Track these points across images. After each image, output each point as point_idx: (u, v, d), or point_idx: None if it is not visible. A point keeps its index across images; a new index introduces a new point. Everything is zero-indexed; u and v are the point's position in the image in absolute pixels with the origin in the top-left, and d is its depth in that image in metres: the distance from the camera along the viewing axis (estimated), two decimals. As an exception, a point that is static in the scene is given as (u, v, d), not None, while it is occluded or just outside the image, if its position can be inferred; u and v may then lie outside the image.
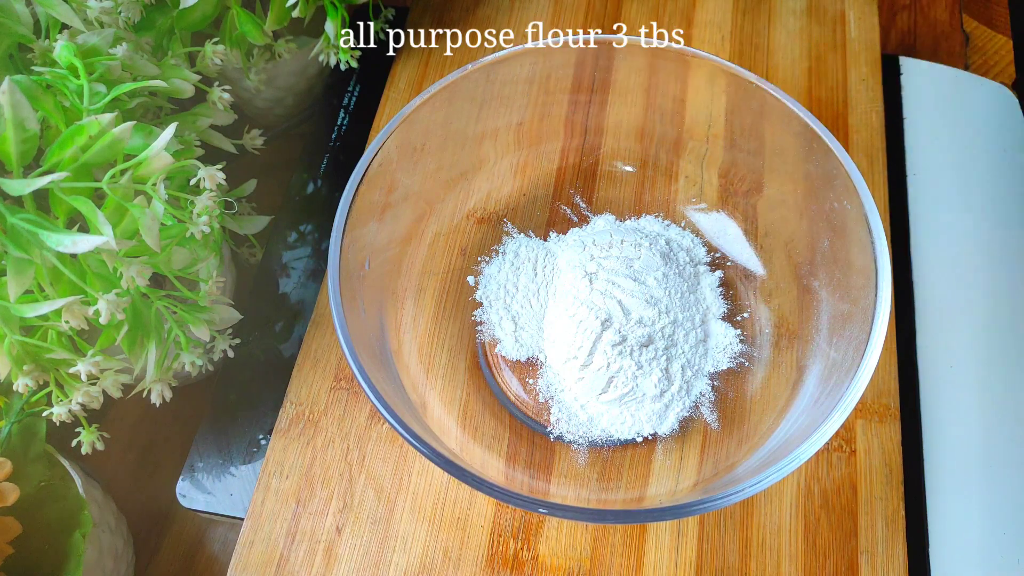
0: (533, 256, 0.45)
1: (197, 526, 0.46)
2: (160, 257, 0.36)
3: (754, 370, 0.42)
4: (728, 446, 0.40)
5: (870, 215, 0.37)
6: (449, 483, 0.41)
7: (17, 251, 0.31)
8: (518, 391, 0.43)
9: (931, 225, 0.50)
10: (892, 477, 0.41)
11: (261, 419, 0.45)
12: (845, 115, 0.52)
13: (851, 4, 0.57)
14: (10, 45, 0.38)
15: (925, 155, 0.52)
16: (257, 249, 0.50)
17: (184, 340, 0.38)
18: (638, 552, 0.39)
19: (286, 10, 0.46)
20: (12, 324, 0.33)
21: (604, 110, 0.48)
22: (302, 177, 0.53)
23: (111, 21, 0.40)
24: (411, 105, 0.41)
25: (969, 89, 0.55)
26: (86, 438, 0.38)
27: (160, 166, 0.33)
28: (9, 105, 0.31)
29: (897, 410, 0.43)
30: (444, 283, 0.45)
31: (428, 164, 0.44)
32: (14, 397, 0.38)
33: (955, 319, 0.47)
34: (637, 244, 0.43)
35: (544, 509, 0.33)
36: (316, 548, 0.39)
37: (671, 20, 0.56)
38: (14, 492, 0.34)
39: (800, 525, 0.40)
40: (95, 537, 0.38)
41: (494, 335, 0.44)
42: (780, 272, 0.44)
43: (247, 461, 0.44)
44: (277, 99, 0.55)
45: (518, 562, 0.39)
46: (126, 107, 0.39)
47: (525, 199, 0.48)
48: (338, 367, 0.44)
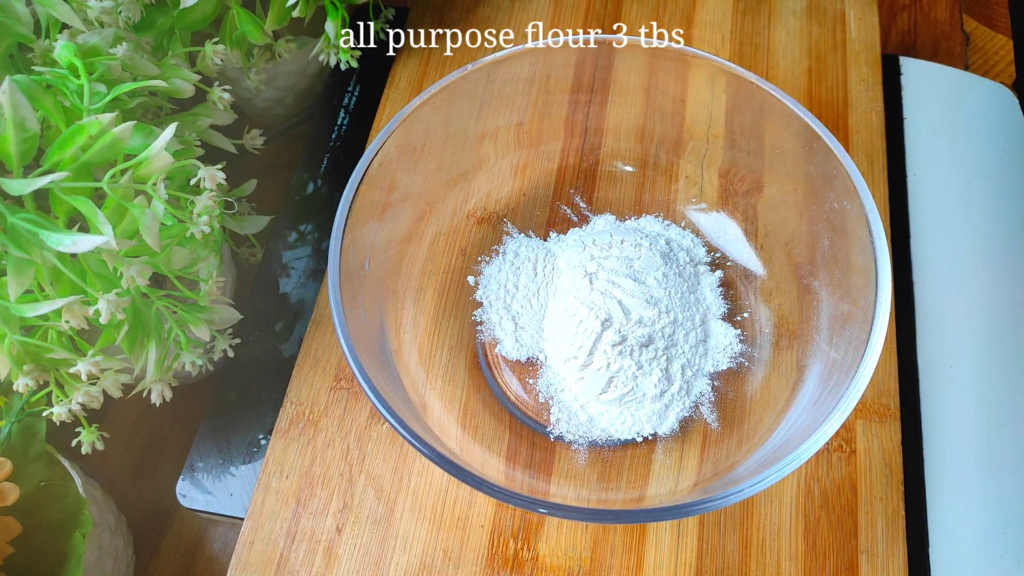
0: (533, 256, 0.45)
1: (197, 526, 0.46)
2: (160, 257, 0.36)
3: (754, 370, 0.42)
4: (728, 446, 0.40)
5: (870, 215, 0.37)
6: (449, 483, 0.41)
7: (17, 251, 0.31)
8: (518, 391, 0.43)
9: (931, 225, 0.50)
10: (892, 477, 0.41)
11: (261, 419, 0.45)
12: (845, 115, 0.52)
13: (851, 4, 0.57)
14: (10, 45, 0.38)
15: (925, 155, 0.52)
16: (257, 249, 0.50)
17: (184, 340, 0.38)
18: (638, 552, 0.39)
19: (286, 10, 0.46)
20: (12, 324, 0.33)
21: (604, 110, 0.48)
22: (302, 177, 0.53)
23: (111, 21, 0.40)
24: (411, 105, 0.41)
25: (969, 89, 0.55)
26: (86, 438, 0.38)
27: (160, 166, 0.33)
28: (9, 105, 0.31)
29: (897, 410, 0.43)
30: (444, 283, 0.45)
31: (428, 164, 0.44)
32: (14, 397, 0.38)
33: (955, 319, 0.47)
34: (637, 244, 0.43)
35: (544, 509, 0.33)
36: (316, 548, 0.39)
37: (671, 20, 0.56)
38: (14, 492, 0.34)
39: (800, 525, 0.40)
40: (95, 537, 0.38)
41: (494, 335, 0.44)
42: (780, 272, 0.44)
43: (247, 461, 0.44)
44: (277, 99, 0.55)
45: (518, 562, 0.39)
46: (126, 107, 0.39)
47: (525, 199, 0.48)
48: (338, 367, 0.44)
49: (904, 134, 0.53)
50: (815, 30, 0.56)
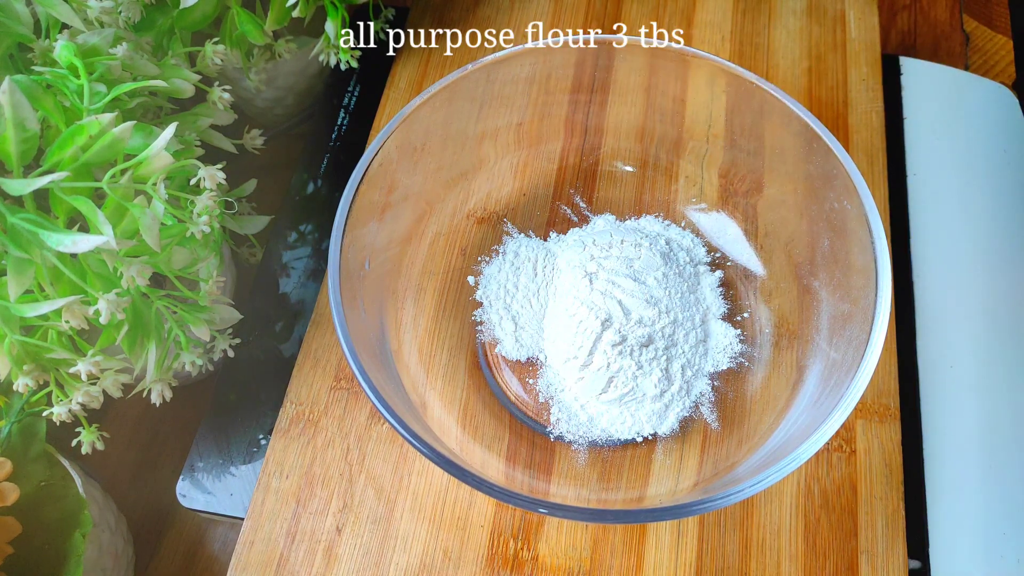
0: (533, 256, 0.45)
1: (197, 526, 0.46)
2: (160, 257, 0.36)
3: (754, 370, 0.42)
4: (728, 446, 0.40)
5: (870, 215, 0.37)
6: (449, 483, 0.41)
7: (17, 251, 0.31)
8: (518, 391, 0.43)
9: (931, 225, 0.50)
10: (892, 477, 0.41)
11: (261, 419, 0.45)
12: (845, 115, 0.52)
13: (851, 4, 0.57)
14: (10, 45, 0.38)
15: (925, 155, 0.52)
16: (257, 249, 0.50)
17: (184, 340, 0.38)
18: (638, 552, 0.39)
19: (286, 10, 0.46)
20: (12, 324, 0.33)
21: (604, 110, 0.48)
22: (302, 177, 0.53)
23: (111, 21, 0.40)
24: (411, 105, 0.41)
25: (969, 89, 0.55)
26: (86, 438, 0.38)
27: (160, 166, 0.33)
28: (9, 105, 0.31)
29: (897, 410, 0.43)
30: (444, 283, 0.45)
31: (428, 164, 0.44)
32: (14, 397, 0.38)
33: (955, 319, 0.47)
34: (637, 244, 0.43)
35: (544, 509, 0.33)
36: (316, 548, 0.39)
37: (671, 20, 0.56)
38: (14, 492, 0.34)
39: (800, 525, 0.40)
40: (95, 537, 0.38)
41: (494, 335, 0.44)
42: (780, 272, 0.44)
43: (247, 461, 0.44)
44: (277, 99, 0.55)
45: (518, 562, 0.39)
46: (126, 107, 0.39)
47: (525, 199, 0.48)
48: (338, 367, 0.44)
49: (904, 134, 0.53)
50: (815, 30, 0.56)
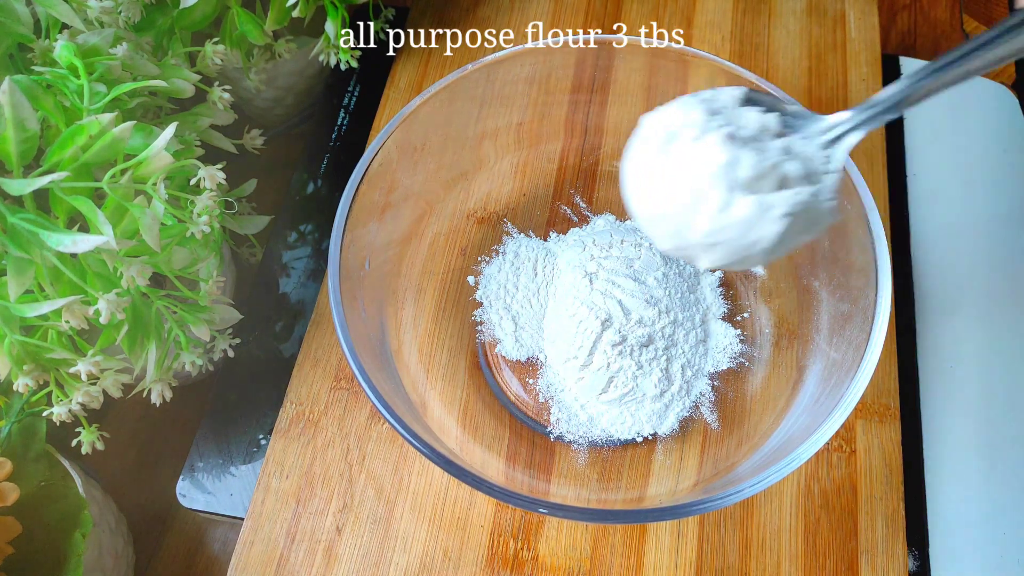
0: (533, 256, 0.45)
1: (197, 526, 0.46)
2: (160, 257, 0.36)
3: (754, 370, 0.42)
4: (728, 446, 0.40)
5: (870, 215, 0.37)
6: (449, 483, 0.41)
7: (17, 251, 0.31)
8: (518, 391, 0.43)
9: (931, 225, 0.50)
10: (892, 477, 0.41)
11: (261, 419, 0.45)
12: (845, 115, 0.52)
13: (851, 4, 0.57)
14: (10, 45, 0.38)
15: (925, 155, 0.52)
16: (257, 249, 0.50)
17: (184, 340, 0.38)
18: (638, 552, 0.39)
19: (286, 10, 0.46)
20: (12, 324, 0.33)
21: (604, 110, 0.48)
22: (302, 177, 0.53)
23: (111, 21, 0.40)
24: (411, 105, 0.41)
25: (969, 89, 0.55)
26: (86, 438, 0.38)
27: (160, 166, 0.33)
28: (9, 105, 0.31)
29: (897, 410, 0.43)
30: (444, 283, 0.45)
31: (428, 164, 0.44)
32: (14, 397, 0.38)
33: (955, 319, 0.47)
34: (637, 244, 0.43)
35: (544, 509, 0.33)
36: (316, 548, 0.39)
37: (671, 20, 0.56)
38: (14, 492, 0.34)
39: (800, 525, 0.40)
40: (95, 537, 0.38)
41: (494, 335, 0.44)
42: (780, 272, 0.44)
43: (247, 461, 0.44)
44: (277, 99, 0.55)
45: (518, 562, 0.39)
46: (126, 107, 0.39)
47: (525, 199, 0.48)
48: (338, 367, 0.44)
49: (904, 134, 0.53)
50: (815, 30, 0.56)
